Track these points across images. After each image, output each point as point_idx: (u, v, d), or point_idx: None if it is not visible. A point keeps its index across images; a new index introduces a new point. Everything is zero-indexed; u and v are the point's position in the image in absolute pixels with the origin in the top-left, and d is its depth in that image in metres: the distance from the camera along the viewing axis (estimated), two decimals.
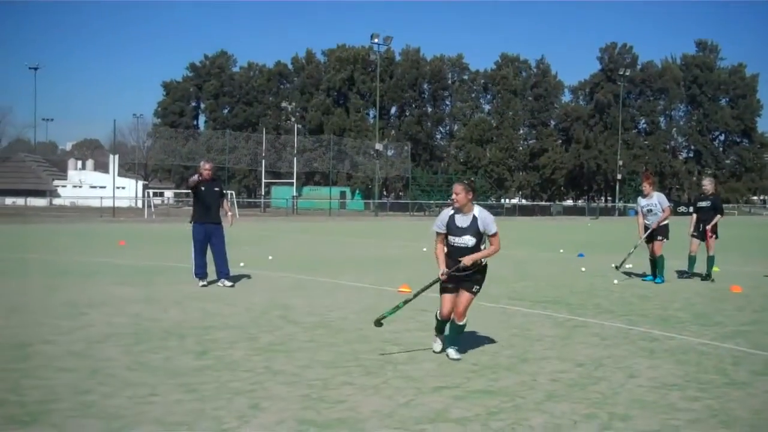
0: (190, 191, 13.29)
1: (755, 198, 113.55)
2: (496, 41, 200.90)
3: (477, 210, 7.30)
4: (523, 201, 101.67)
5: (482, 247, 7.30)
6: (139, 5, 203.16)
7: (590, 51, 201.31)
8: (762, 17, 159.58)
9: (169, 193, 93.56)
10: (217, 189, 13.11)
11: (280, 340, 8.20)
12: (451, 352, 7.43)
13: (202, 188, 12.83)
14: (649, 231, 14.41)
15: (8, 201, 79.97)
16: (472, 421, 5.41)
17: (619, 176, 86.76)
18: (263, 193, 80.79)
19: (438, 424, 5.33)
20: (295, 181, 74.63)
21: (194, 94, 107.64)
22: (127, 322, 9.21)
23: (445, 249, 7.43)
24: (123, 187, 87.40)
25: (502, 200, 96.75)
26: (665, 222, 14.51)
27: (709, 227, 14.96)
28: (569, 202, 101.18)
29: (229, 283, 12.79)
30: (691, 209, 15.93)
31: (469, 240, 7.21)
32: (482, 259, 7.32)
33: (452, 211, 7.34)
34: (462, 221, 7.27)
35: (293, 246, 24.38)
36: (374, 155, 74.99)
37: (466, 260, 7.15)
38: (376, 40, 69.83)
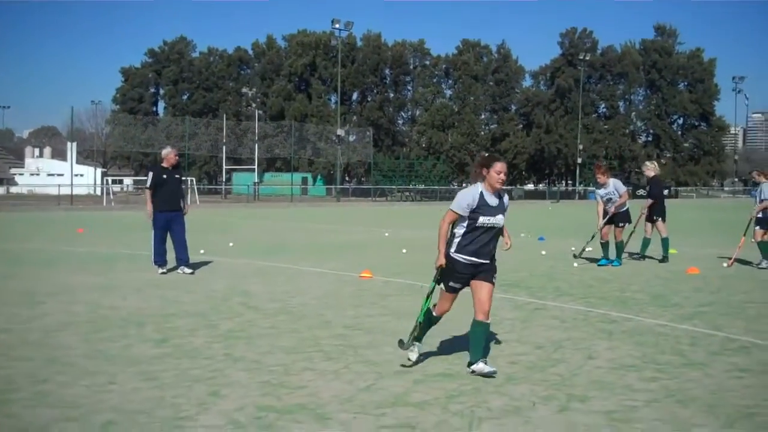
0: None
1: (714, 182, 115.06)
2: (457, 27, 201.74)
3: None
4: None
5: None
6: None
7: (551, 36, 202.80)
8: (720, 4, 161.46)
9: (128, 180, 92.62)
10: (177, 176, 13.03)
11: (240, 327, 8.16)
12: (481, 366, 6.26)
13: (164, 176, 12.73)
14: (607, 217, 14.53)
15: None
16: (432, 405, 5.43)
17: (579, 160, 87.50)
18: (224, 180, 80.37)
19: (397, 408, 5.34)
20: (256, 167, 74.24)
21: (153, 80, 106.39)
22: (85, 310, 9.11)
23: (461, 231, 6.47)
24: (81, 175, 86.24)
25: (464, 185, 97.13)
26: (625, 207, 14.65)
27: (644, 211, 15.40)
28: (530, 186, 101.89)
29: (189, 271, 12.71)
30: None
31: (501, 219, 6.48)
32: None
33: (480, 189, 6.48)
34: (492, 200, 6.47)
35: (254, 232, 24.28)
36: (336, 141, 74.82)
37: (509, 244, 6.83)
38: (337, 26, 69.61)
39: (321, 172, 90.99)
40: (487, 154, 6.70)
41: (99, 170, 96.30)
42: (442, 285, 6.58)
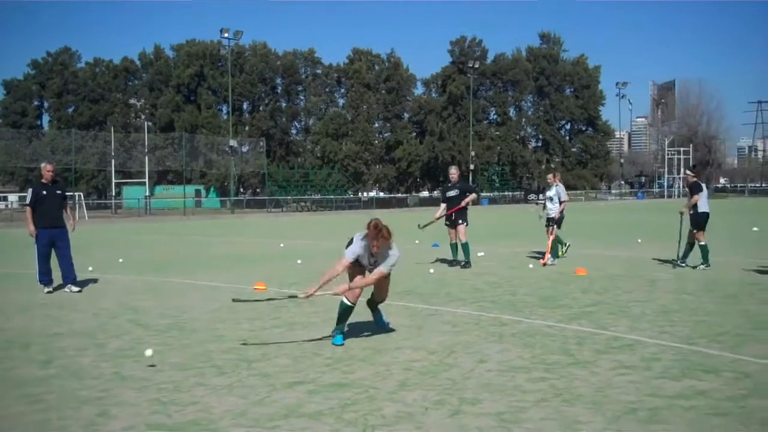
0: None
1: (602, 184, 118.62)
2: (347, 36, 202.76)
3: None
4: (381, 194, 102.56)
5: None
6: None
7: (441, 44, 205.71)
8: (600, 11, 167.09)
9: (12, 197, 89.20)
10: (59, 192, 12.67)
11: (129, 345, 7.98)
12: None
13: (44, 192, 12.38)
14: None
15: None
16: (326, 415, 5.43)
17: (471, 167, 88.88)
18: (114, 194, 78.35)
19: (291, 420, 5.32)
20: (147, 180, 72.71)
21: (37, 93, 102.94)
22: None
23: None
24: None
25: (360, 194, 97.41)
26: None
27: (464, 204, 16.14)
28: (425, 194, 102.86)
29: (77, 289, 12.36)
30: (442, 199, 16.72)
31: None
32: None
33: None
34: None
35: (146, 247, 23.77)
36: (229, 152, 73.95)
37: None
38: (226, 35, 68.87)
39: (214, 184, 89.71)
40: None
41: None
42: None
